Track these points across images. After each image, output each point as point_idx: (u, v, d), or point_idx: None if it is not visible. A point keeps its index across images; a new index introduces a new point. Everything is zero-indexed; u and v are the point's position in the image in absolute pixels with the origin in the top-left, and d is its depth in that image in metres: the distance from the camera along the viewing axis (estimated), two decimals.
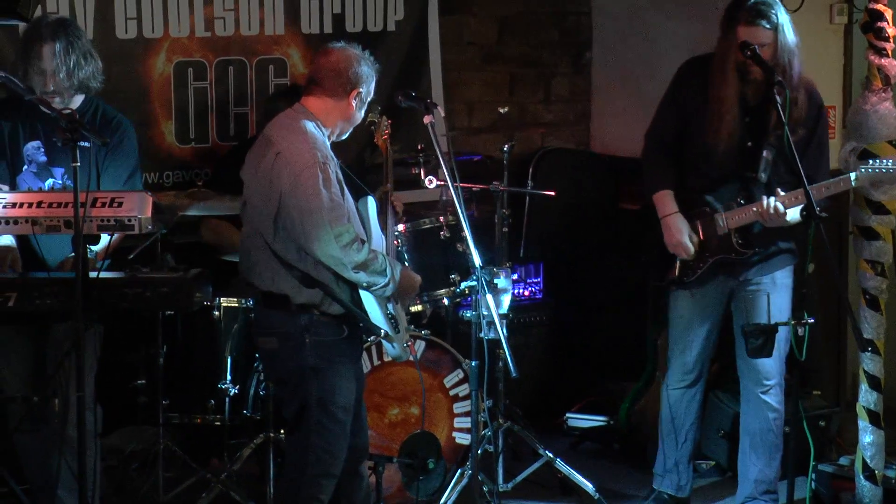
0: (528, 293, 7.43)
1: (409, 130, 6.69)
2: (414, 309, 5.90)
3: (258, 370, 5.88)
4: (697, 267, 5.83)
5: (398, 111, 5.62)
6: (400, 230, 5.81)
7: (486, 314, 5.22)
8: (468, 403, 6.03)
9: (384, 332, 4.98)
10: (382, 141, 5.38)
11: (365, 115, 5.13)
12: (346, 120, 4.98)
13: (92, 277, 4.56)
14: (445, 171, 5.13)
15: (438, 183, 5.92)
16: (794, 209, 5.55)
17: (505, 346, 5.09)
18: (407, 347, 5.17)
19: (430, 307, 6.07)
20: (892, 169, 5.55)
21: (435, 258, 5.97)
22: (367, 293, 4.89)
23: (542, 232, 7.45)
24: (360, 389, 5.13)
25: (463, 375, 6.06)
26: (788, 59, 5.62)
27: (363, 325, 4.94)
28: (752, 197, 5.71)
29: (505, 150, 6.37)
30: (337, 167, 4.85)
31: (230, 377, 5.89)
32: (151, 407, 5.93)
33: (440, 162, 5.17)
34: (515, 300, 7.14)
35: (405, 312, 5.24)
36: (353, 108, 4.94)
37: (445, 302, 6.10)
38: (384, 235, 5.23)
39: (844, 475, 6.20)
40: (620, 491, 6.40)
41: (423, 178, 6.03)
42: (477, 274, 5.10)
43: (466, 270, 5.66)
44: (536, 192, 6.97)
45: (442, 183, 5.80)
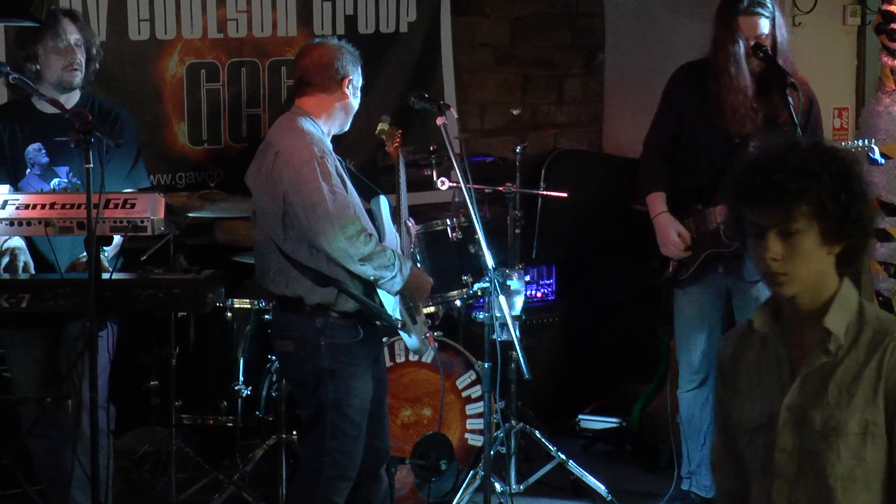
0: (540, 295, 7.42)
1: (421, 132, 6.70)
2: (426, 310, 5.90)
3: (271, 371, 5.89)
4: (691, 264, 5.84)
5: (410, 112, 5.63)
6: (412, 231, 5.81)
7: (498, 316, 5.22)
8: (480, 405, 6.03)
9: (400, 322, 4.98)
10: (394, 149, 5.37)
11: (376, 125, 5.16)
12: (344, 110, 5.00)
13: (105, 279, 4.57)
14: (458, 172, 5.14)
15: (451, 184, 5.92)
16: None
17: (518, 347, 5.10)
18: (426, 339, 5.17)
19: (442, 309, 6.07)
20: (858, 148, 5.51)
21: (447, 260, 5.96)
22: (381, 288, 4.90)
23: (554, 233, 7.44)
24: (382, 391, 5.14)
25: (475, 377, 6.06)
26: (787, 51, 5.62)
27: (379, 319, 4.94)
28: None
29: (517, 151, 6.37)
30: (337, 162, 4.86)
31: (243, 378, 5.89)
32: (164, 408, 5.94)
33: (453, 163, 5.18)
34: (528, 302, 7.13)
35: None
36: (348, 96, 4.97)
37: (458, 303, 6.10)
38: (398, 235, 5.22)
39: None
40: (633, 492, 6.38)
41: (435, 179, 6.03)
42: (490, 275, 5.10)
43: (479, 272, 5.67)
44: (549, 193, 6.96)
45: (455, 184, 5.80)
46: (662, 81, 5.97)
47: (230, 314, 5.92)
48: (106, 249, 4.81)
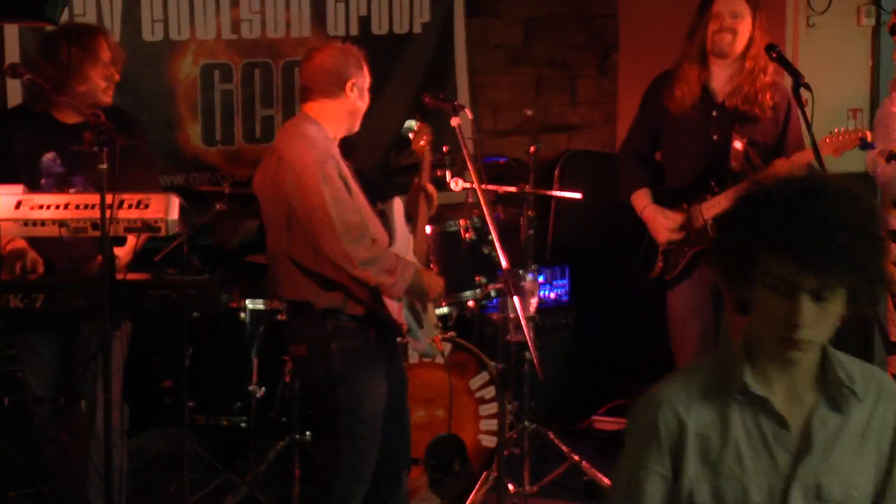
0: (554, 296, 7.41)
1: (434, 132, 6.68)
2: (439, 311, 5.90)
3: (284, 372, 5.89)
4: (678, 262, 5.84)
5: (423, 113, 5.62)
6: (427, 232, 5.81)
7: (512, 317, 5.20)
8: (494, 406, 6.02)
9: (406, 326, 4.98)
10: (420, 146, 5.35)
11: (403, 123, 5.16)
12: (350, 114, 4.98)
13: (118, 279, 4.57)
14: (472, 173, 5.13)
15: (465, 185, 5.91)
16: None
17: (531, 348, 5.09)
18: (433, 344, 5.17)
19: (455, 310, 6.06)
20: (850, 132, 5.49)
21: (461, 261, 5.96)
22: None
23: (568, 234, 7.43)
24: (402, 392, 5.14)
25: (489, 378, 6.05)
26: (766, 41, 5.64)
27: (386, 322, 4.93)
28: (725, 186, 5.70)
29: (531, 152, 6.36)
30: (343, 166, 4.86)
31: (256, 379, 5.89)
32: (177, 409, 5.93)
33: (467, 164, 5.17)
34: (541, 303, 7.12)
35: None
36: (352, 99, 4.95)
37: (471, 304, 6.09)
38: (412, 237, 5.22)
39: None
40: None
41: (448, 180, 6.03)
42: (503, 276, 5.10)
43: (493, 273, 5.65)
44: (562, 194, 6.95)
45: (468, 185, 5.79)
46: None
47: (244, 315, 5.92)
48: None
